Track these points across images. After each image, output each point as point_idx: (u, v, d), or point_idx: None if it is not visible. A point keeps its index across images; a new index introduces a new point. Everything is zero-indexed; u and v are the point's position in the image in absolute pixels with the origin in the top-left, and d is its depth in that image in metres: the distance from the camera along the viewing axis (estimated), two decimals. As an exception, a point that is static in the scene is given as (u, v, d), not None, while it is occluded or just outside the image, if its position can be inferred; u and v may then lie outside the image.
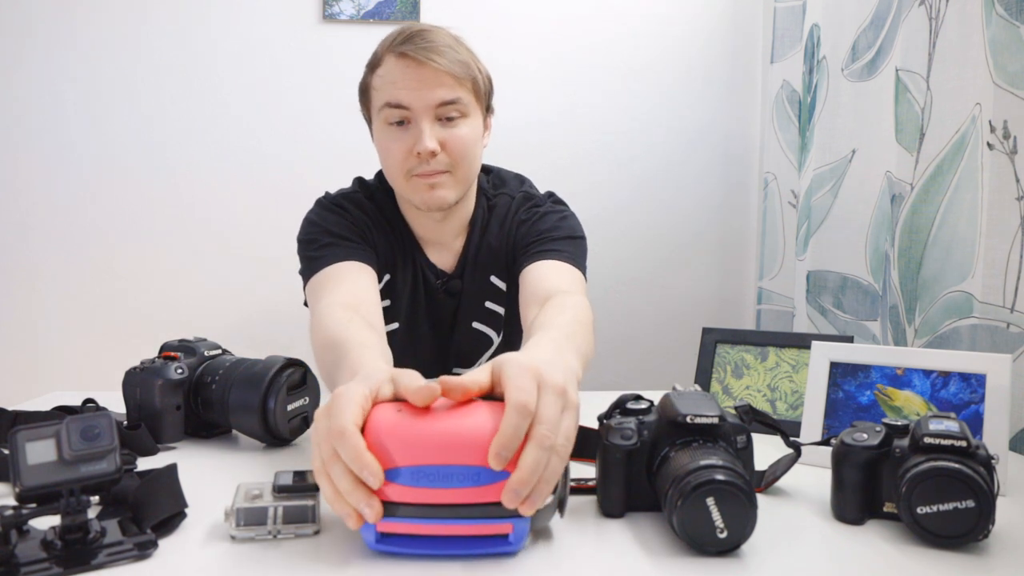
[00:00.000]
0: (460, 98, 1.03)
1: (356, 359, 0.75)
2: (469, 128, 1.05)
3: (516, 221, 1.16)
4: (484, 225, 1.17)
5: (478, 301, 1.19)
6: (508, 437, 0.51)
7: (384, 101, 1.03)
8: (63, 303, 1.81)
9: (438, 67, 1.00)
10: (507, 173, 1.25)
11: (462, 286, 1.18)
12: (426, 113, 1.01)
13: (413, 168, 1.04)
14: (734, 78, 1.90)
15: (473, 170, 1.09)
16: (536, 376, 0.55)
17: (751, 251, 1.94)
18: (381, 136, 1.06)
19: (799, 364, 0.99)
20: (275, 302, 1.81)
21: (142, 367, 0.86)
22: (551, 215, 1.15)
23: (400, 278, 1.16)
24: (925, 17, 1.09)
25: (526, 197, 1.19)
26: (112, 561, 0.55)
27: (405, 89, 1.01)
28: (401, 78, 1.02)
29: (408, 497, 0.53)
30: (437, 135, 1.02)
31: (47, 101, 1.77)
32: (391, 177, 1.09)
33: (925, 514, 0.58)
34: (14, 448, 0.56)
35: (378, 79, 1.05)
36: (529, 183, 1.25)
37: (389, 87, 1.03)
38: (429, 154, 1.01)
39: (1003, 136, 0.93)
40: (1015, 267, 0.92)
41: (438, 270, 1.17)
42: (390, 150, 1.05)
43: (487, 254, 1.17)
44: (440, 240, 1.17)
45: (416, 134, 1.02)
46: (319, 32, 1.81)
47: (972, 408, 0.76)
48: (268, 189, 1.82)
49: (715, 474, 0.55)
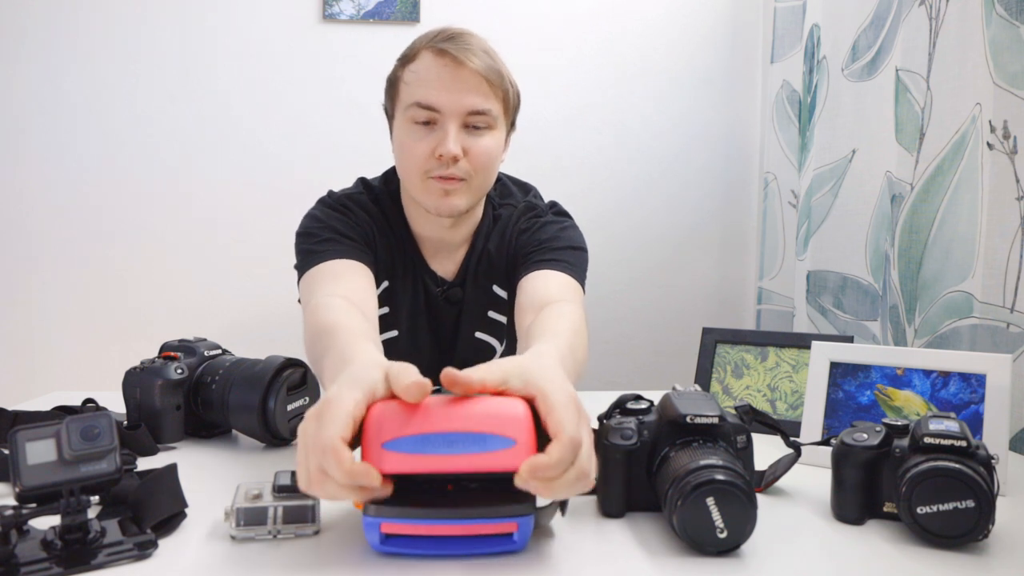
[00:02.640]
0: (491, 109, 1.01)
1: (344, 346, 0.73)
2: (494, 141, 1.03)
3: (517, 230, 1.14)
4: (488, 235, 1.16)
5: (481, 311, 1.17)
6: (555, 467, 0.50)
7: (414, 100, 1.00)
8: (63, 303, 1.81)
9: (475, 69, 0.98)
10: (514, 182, 1.23)
11: (463, 294, 1.16)
12: (455, 118, 0.99)
13: (432, 170, 1.01)
14: (734, 78, 1.90)
15: (488, 182, 1.08)
16: (577, 407, 0.55)
17: (751, 251, 1.94)
18: (403, 133, 1.03)
19: (799, 364, 0.99)
20: (275, 302, 1.81)
21: (142, 367, 0.86)
22: (552, 225, 1.13)
23: (400, 285, 1.14)
24: (925, 17, 1.09)
25: (528, 207, 1.17)
26: (112, 561, 0.55)
27: (438, 90, 0.99)
28: (436, 77, 0.99)
29: (411, 465, 0.52)
30: (462, 141, 1.00)
31: (46, 101, 1.77)
32: (407, 176, 1.06)
33: (925, 514, 0.58)
34: (14, 448, 0.56)
35: (410, 74, 1.02)
36: (535, 192, 1.23)
37: (422, 85, 1.00)
38: (451, 158, 0.99)
39: (1003, 136, 0.93)
40: (1015, 267, 0.92)
41: (438, 278, 1.16)
42: (412, 149, 1.02)
43: (487, 263, 1.16)
44: (443, 247, 1.15)
45: (441, 136, 0.99)
46: (319, 32, 1.81)
47: (972, 408, 0.76)
48: (268, 189, 1.82)
49: (715, 474, 0.55)
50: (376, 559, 0.56)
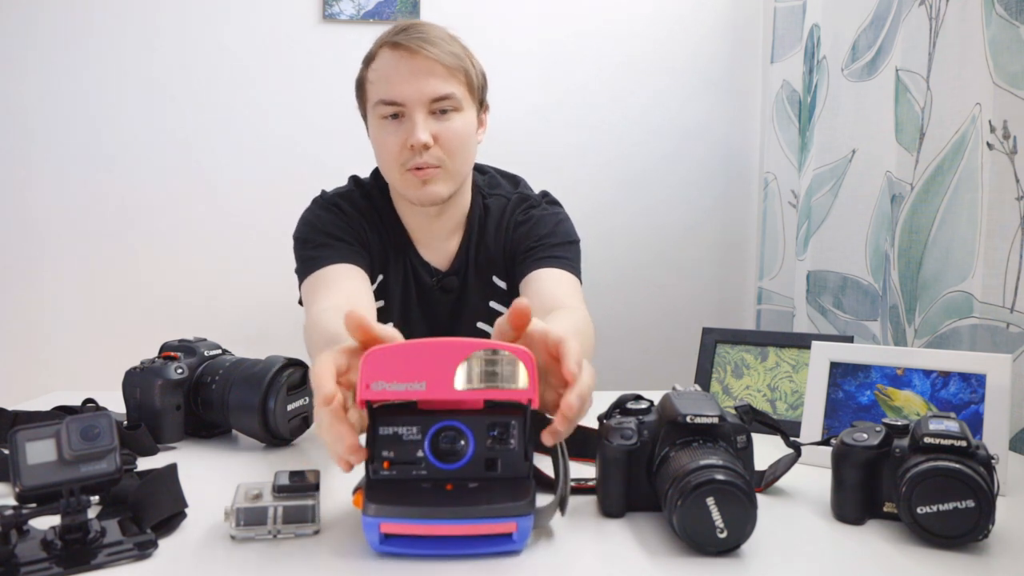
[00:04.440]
0: (453, 93, 1.04)
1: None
2: (463, 122, 1.06)
3: (513, 223, 1.17)
4: (481, 225, 1.18)
5: (482, 302, 1.19)
6: (576, 407, 0.57)
7: (379, 97, 1.05)
8: (63, 303, 1.81)
9: (430, 56, 1.02)
10: (502, 175, 1.27)
11: (458, 283, 1.18)
12: (420, 107, 1.03)
13: (407, 162, 1.05)
14: (734, 78, 1.90)
15: (466, 164, 1.11)
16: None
17: (751, 251, 1.94)
18: (376, 131, 1.08)
19: (799, 364, 0.99)
20: (275, 302, 1.80)
21: (142, 367, 0.86)
22: (548, 218, 1.17)
23: (392, 277, 1.17)
24: (925, 17, 1.09)
25: (521, 199, 1.20)
26: (112, 561, 0.55)
27: (399, 83, 1.03)
28: (395, 71, 1.03)
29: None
30: (430, 128, 1.03)
31: (47, 102, 1.77)
32: (386, 171, 1.11)
33: (925, 514, 0.58)
34: (14, 448, 0.56)
35: (373, 73, 1.07)
36: (524, 184, 1.26)
37: (383, 82, 1.04)
38: (422, 146, 1.03)
39: (1003, 136, 0.93)
40: (1015, 267, 0.92)
41: (432, 268, 1.18)
42: (385, 144, 1.06)
43: (485, 256, 1.18)
44: (434, 237, 1.17)
45: (409, 127, 1.03)
46: (319, 32, 1.81)
47: (972, 408, 0.76)
48: (268, 188, 1.82)
49: (715, 474, 0.55)
50: (375, 559, 0.56)
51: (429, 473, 0.58)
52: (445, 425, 0.58)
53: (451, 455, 0.58)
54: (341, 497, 0.69)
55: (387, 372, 0.55)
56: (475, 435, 0.58)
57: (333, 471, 0.76)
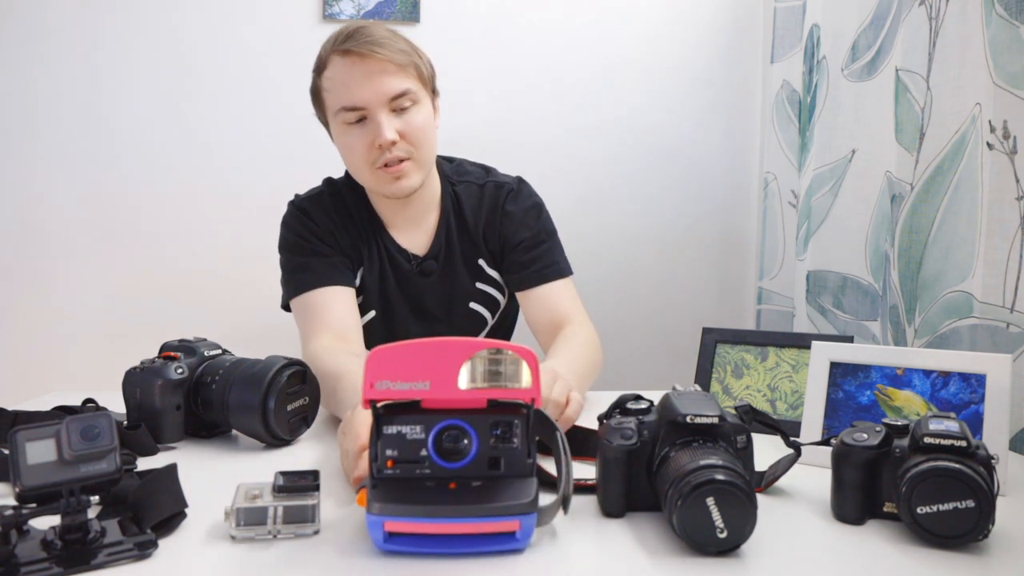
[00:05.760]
0: (409, 88, 1.08)
1: (348, 386, 0.89)
2: (422, 114, 1.11)
3: (501, 211, 1.21)
4: (456, 209, 1.23)
5: (471, 283, 1.24)
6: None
7: (340, 105, 1.08)
8: (63, 303, 1.80)
9: (381, 56, 1.05)
10: (470, 163, 1.31)
11: (439, 267, 1.22)
12: (381, 107, 1.06)
13: (376, 160, 1.09)
14: (734, 78, 1.90)
15: (432, 152, 1.15)
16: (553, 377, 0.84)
17: (751, 251, 1.94)
18: (342, 137, 1.11)
19: (799, 364, 0.99)
20: (275, 302, 1.79)
21: (142, 367, 0.86)
22: (532, 210, 1.23)
23: (367, 267, 1.20)
24: (925, 17, 1.09)
25: (496, 185, 1.24)
26: (112, 561, 0.55)
27: (356, 89, 1.06)
28: (350, 77, 1.06)
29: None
30: (394, 125, 1.07)
31: (45, 102, 1.77)
32: (357, 173, 1.15)
33: (925, 514, 0.58)
34: (14, 448, 0.56)
35: (327, 81, 1.10)
36: (495, 171, 1.29)
37: (341, 89, 1.08)
38: (390, 144, 1.07)
39: (1003, 136, 0.93)
40: (1015, 267, 0.92)
41: (409, 254, 1.21)
42: (353, 148, 1.10)
43: (467, 239, 1.22)
44: (407, 222, 1.21)
45: (375, 128, 1.07)
46: (319, 32, 1.79)
47: (972, 408, 0.76)
48: (267, 189, 1.82)
49: (715, 474, 0.55)
50: (375, 559, 0.56)
51: (433, 472, 0.58)
52: (449, 424, 0.58)
53: (455, 454, 0.58)
54: (341, 497, 0.69)
55: (391, 371, 0.55)
56: (478, 434, 0.58)
57: (333, 471, 0.76)
